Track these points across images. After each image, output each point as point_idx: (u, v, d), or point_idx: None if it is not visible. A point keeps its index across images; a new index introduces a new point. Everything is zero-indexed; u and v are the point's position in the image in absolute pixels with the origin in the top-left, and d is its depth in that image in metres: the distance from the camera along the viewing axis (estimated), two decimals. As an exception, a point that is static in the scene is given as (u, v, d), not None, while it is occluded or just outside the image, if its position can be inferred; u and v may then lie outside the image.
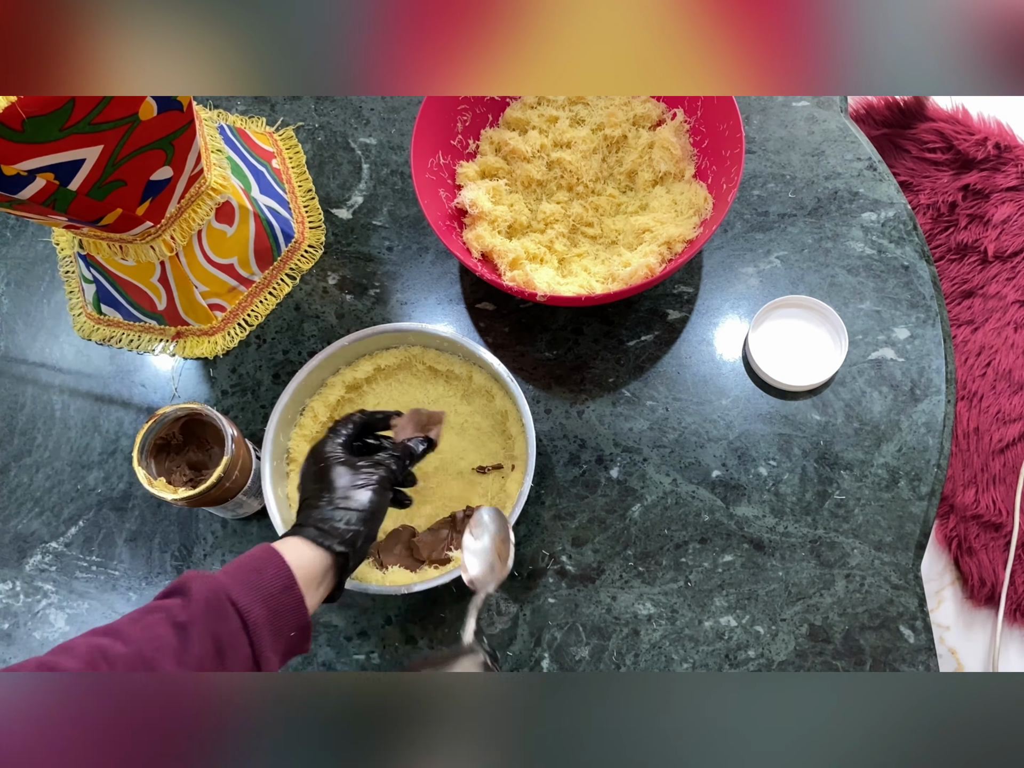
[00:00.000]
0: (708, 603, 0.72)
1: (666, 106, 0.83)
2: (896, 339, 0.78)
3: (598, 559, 0.73)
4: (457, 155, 0.83)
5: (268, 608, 0.51)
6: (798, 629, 0.71)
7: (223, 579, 0.51)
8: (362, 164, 0.89)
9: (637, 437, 0.77)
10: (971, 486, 1.28)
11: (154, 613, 0.48)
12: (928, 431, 0.75)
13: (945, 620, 1.27)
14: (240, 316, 0.83)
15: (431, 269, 0.84)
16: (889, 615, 0.70)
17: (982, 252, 1.36)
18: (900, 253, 0.81)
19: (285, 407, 0.72)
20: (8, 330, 0.86)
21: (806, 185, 0.84)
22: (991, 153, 1.39)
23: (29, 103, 0.52)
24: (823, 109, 0.87)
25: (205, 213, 0.76)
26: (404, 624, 0.73)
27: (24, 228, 0.90)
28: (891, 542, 0.72)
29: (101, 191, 0.63)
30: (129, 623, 0.47)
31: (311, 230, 0.86)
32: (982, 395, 1.31)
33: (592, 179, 0.82)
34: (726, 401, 0.77)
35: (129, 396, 0.83)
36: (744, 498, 0.74)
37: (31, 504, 0.79)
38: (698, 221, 0.77)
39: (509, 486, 0.72)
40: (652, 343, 0.80)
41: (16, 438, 0.82)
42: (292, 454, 0.74)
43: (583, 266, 0.79)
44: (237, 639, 0.49)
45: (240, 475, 0.68)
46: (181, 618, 0.47)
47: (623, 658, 0.71)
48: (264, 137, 0.89)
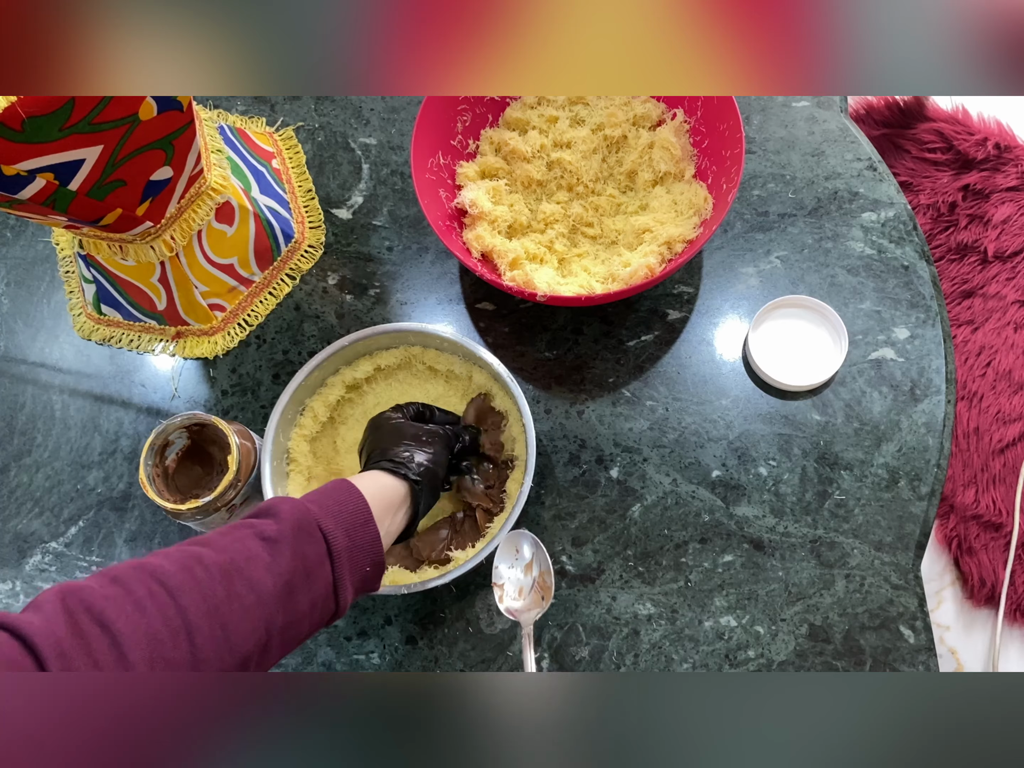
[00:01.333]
0: (708, 603, 0.72)
1: (666, 106, 0.83)
2: (896, 339, 0.78)
3: (598, 559, 0.73)
4: (457, 155, 0.83)
5: (350, 539, 0.52)
6: (798, 629, 0.71)
7: (309, 504, 0.52)
8: (362, 164, 0.89)
9: (637, 437, 0.77)
10: (971, 486, 1.28)
11: (244, 529, 0.49)
12: (928, 431, 0.75)
13: (945, 620, 1.27)
14: (240, 316, 0.83)
15: (431, 269, 0.84)
16: (889, 615, 0.70)
17: (982, 252, 1.36)
18: (900, 253, 0.81)
19: (285, 407, 0.72)
20: (8, 330, 0.86)
21: (806, 185, 0.84)
22: (991, 153, 1.39)
23: (29, 103, 0.52)
24: (823, 109, 0.87)
25: (205, 213, 0.76)
26: (404, 624, 0.73)
27: (24, 228, 0.90)
28: (891, 542, 0.72)
29: (101, 191, 0.63)
30: (219, 536, 0.48)
31: (311, 230, 0.86)
32: (982, 395, 1.31)
33: (592, 179, 0.82)
34: (726, 401, 0.77)
35: (129, 396, 0.83)
36: (744, 498, 0.74)
37: (31, 504, 0.79)
38: (698, 221, 0.77)
39: (509, 486, 0.72)
40: (652, 343, 0.80)
41: (16, 438, 0.82)
42: (292, 454, 0.74)
43: (583, 266, 0.79)
44: (322, 563, 0.50)
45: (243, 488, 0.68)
46: (270, 533, 0.49)
47: (623, 658, 0.71)
48: (264, 137, 0.89)
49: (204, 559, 0.45)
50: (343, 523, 0.52)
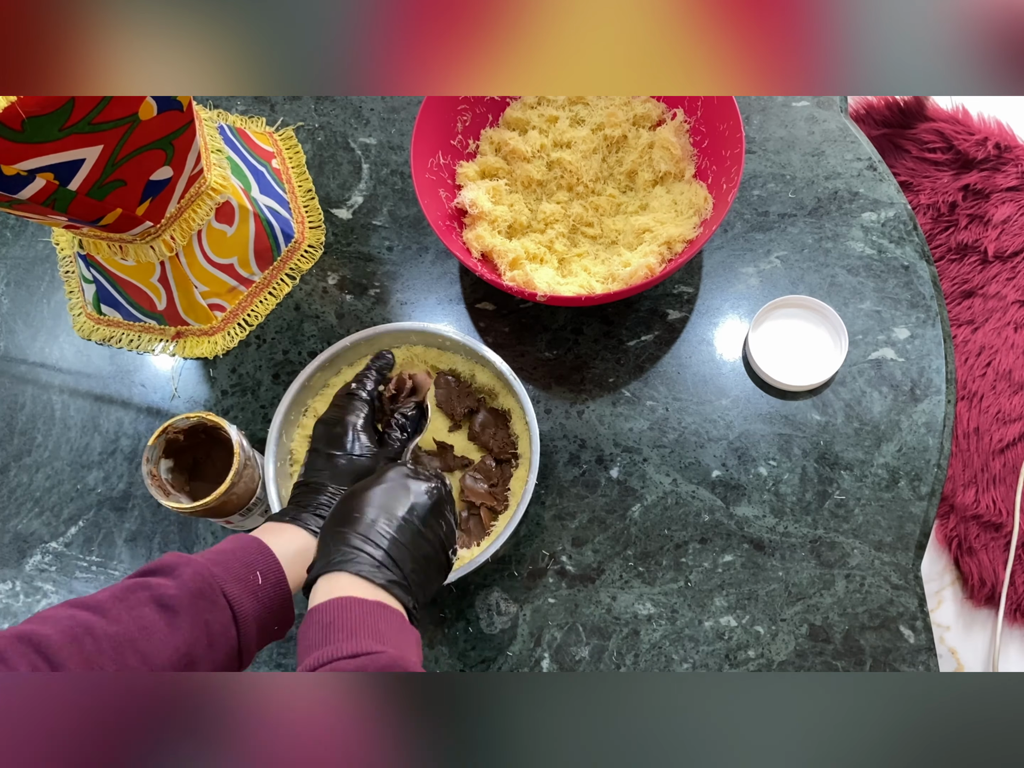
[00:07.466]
0: (708, 603, 0.72)
1: (666, 106, 0.83)
2: (896, 339, 0.78)
3: (598, 559, 0.73)
4: (457, 155, 0.82)
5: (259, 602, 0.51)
6: (798, 629, 0.71)
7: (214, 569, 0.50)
8: (362, 164, 0.89)
9: (637, 437, 0.77)
10: (971, 486, 1.28)
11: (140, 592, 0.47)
12: (928, 431, 0.75)
13: (945, 620, 1.27)
14: (240, 316, 0.83)
15: (431, 269, 0.84)
16: (889, 615, 0.70)
17: (982, 252, 1.36)
18: (900, 253, 0.81)
19: (288, 408, 0.72)
20: (8, 330, 0.86)
21: (806, 185, 0.84)
22: (991, 153, 1.39)
23: (29, 103, 0.52)
24: (823, 109, 0.87)
25: (205, 213, 0.76)
26: (404, 624, 0.73)
27: (24, 228, 0.90)
28: (891, 542, 0.72)
29: (101, 191, 0.63)
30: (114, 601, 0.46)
31: (311, 230, 0.86)
32: (982, 395, 1.31)
33: (592, 179, 0.82)
34: (726, 401, 0.77)
35: (129, 396, 0.83)
36: (744, 498, 0.74)
37: (31, 504, 0.79)
38: (698, 221, 0.77)
39: (513, 484, 0.72)
40: (652, 343, 0.80)
41: (16, 438, 0.82)
42: (295, 455, 0.74)
43: (583, 266, 0.79)
44: (227, 630, 0.48)
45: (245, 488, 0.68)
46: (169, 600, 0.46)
47: (623, 658, 0.71)
48: (264, 137, 0.89)
49: (95, 630, 0.43)
50: (250, 586, 0.50)
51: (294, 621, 0.54)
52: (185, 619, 0.46)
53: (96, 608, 0.45)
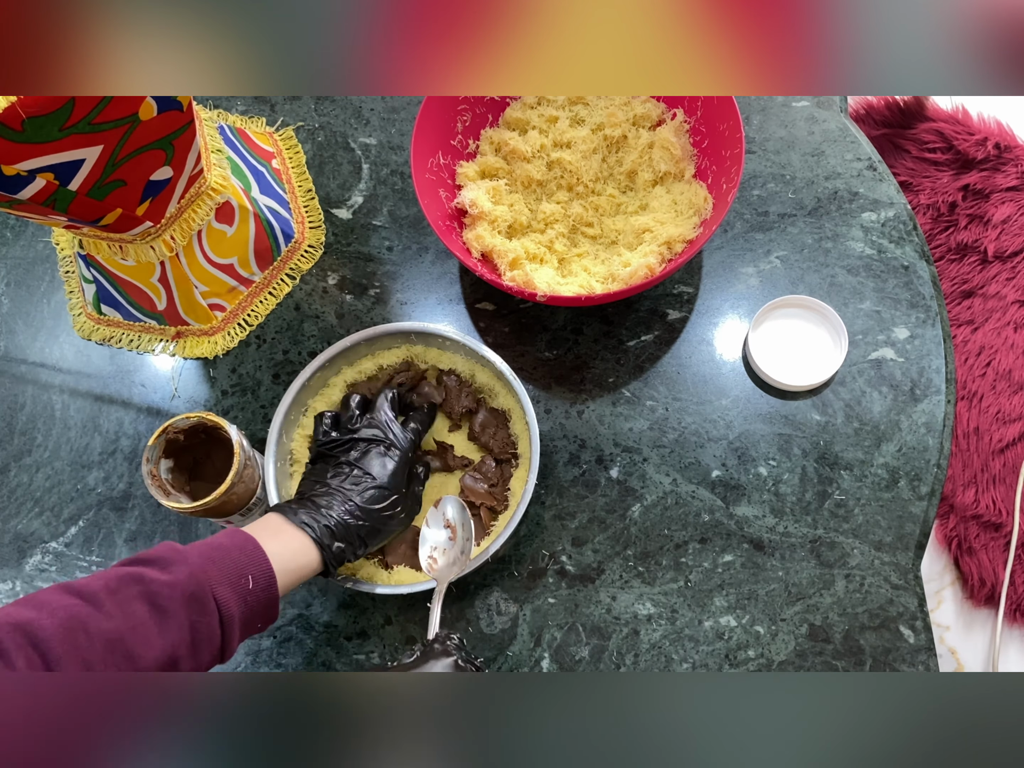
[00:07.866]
0: (708, 603, 0.72)
1: (666, 106, 0.83)
2: (896, 339, 0.78)
3: (598, 559, 0.73)
4: (457, 155, 0.83)
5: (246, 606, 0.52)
6: (798, 629, 0.71)
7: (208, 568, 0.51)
8: (362, 164, 0.89)
9: (637, 437, 0.77)
10: (971, 486, 1.28)
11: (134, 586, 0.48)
12: (928, 431, 0.75)
13: (945, 620, 1.27)
14: (240, 316, 0.83)
15: (431, 269, 0.84)
16: (889, 615, 0.70)
17: (982, 252, 1.36)
18: (900, 253, 0.81)
19: (288, 408, 0.72)
20: (8, 330, 0.86)
21: (806, 185, 0.84)
22: (991, 153, 1.39)
23: (29, 103, 0.52)
24: (823, 109, 0.87)
25: (205, 213, 0.76)
26: (404, 624, 0.73)
27: (24, 228, 0.90)
28: (891, 542, 0.72)
29: (101, 191, 0.63)
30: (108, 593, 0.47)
31: (311, 230, 0.86)
32: (982, 395, 1.31)
33: (592, 179, 0.82)
34: (726, 401, 0.77)
35: (129, 396, 0.83)
36: (744, 498, 0.74)
37: (31, 504, 0.79)
38: (698, 221, 0.77)
39: (513, 484, 0.72)
40: (652, 343, 0.80)
41: (16, 438, 0.82)
42: (295, 455, 0.74)
43: (583, 266, 0.79)
44: (212, 634, 0.50)
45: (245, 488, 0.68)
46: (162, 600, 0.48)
47: (623, 658, 0.71)
48: (264, 137, 0.89)
49: (89, 626, 0.44)
50: (240, 590, 0.52)
51: (277, 618, 0.56)
52: (174, 621, 0.48)
53: (91, 598, 0.46)
